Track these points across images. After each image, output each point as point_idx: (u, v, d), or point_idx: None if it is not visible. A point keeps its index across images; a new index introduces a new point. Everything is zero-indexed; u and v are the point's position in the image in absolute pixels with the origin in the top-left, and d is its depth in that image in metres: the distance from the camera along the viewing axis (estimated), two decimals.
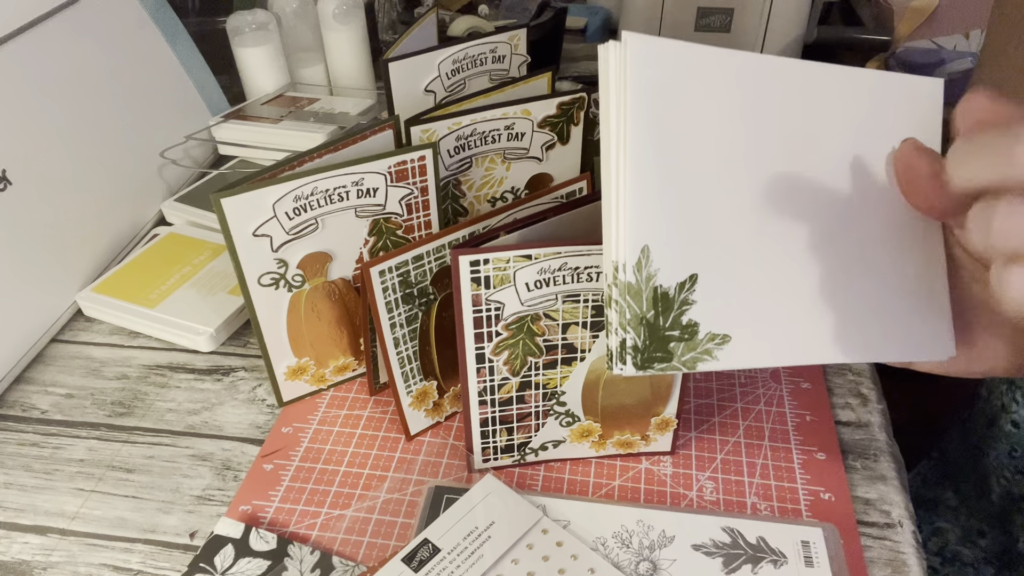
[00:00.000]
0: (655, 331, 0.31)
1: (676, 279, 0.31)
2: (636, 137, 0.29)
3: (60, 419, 0.54)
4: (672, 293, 0.31)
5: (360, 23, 0.89)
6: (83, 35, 0.67)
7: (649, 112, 0.29)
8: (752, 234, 0.32)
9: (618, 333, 0.31)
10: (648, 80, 0.29)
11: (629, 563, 0.42)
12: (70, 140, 0.63)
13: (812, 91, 0.32)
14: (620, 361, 0.31)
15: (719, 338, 0.31)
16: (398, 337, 0.46)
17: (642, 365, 0.31)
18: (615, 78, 0.29)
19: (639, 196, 0.30)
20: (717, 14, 0.94)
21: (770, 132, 0.31)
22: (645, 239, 0.30)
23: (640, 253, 0.30)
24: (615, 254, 0.30)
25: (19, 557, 0.44)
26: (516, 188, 0.58)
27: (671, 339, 0.31)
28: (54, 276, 0.61)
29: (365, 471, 0.49)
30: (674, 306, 0.31)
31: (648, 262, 0.30)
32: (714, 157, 0.31)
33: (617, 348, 0.31)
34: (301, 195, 0.45)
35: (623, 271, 0.30)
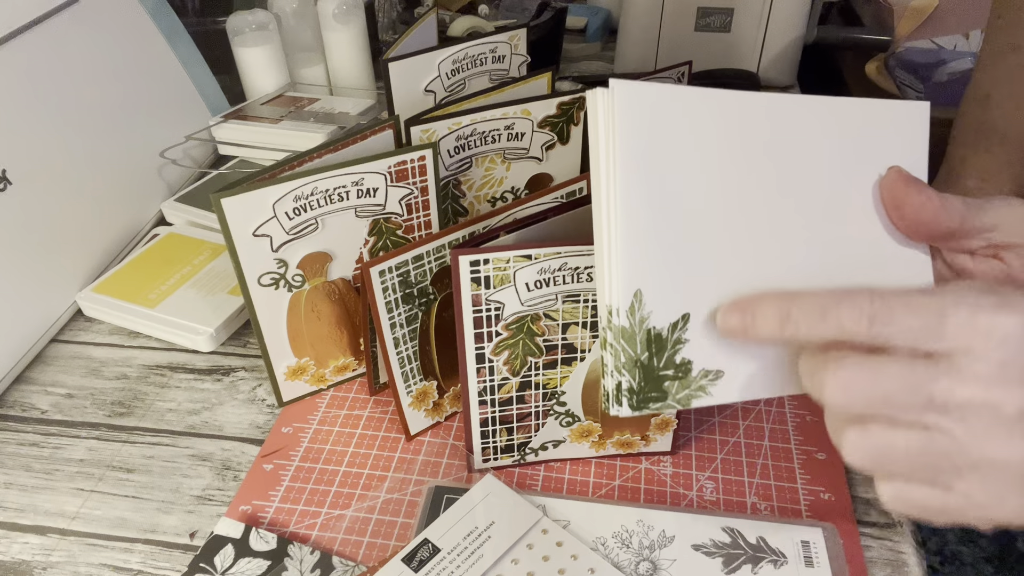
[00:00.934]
0: (649, 372, 0.31)
1: (669, 319, 0.31)
2: (625, 183, 0.30)
3: (60, 419, 0.54)
4: (665, 334, 0.31)
5: (360, 23, 0.89)
6: (83, 35, 0.67)
7: (638, 159, 0.30)
8: (742, 269, 0.32)
9: (613, 376, 0.32)
10: (636, 126, 0.30)
11: (629, 563, 0.42)
12: (70, 140, 0.63)
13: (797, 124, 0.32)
14: (616, 403, 0.32)
15: (712, 374, 0.32)
16: (398, 337, 0.46)
17: (637, 406, 0.32)
18: (604, 124, 0.30)
19: (630, 242, 0.30)
20: (717, 14, 0.94)
21: (756, 168, 0.32)
22: (637, 283, 0.31)
23: (633, 298, 0.31)
24: (608, 298, 0.31)
25: (19, 557, 0.44)
26: (516, 188, 0.58)
27: (665, 378, 0.32)
28: (54, 276, 0.61)
29: (365, 471, 0.49)
30: (667, 346, 0.31)
31: (641, 305, 0.31)
32: (703, 196, 0.31)
33: (613, 390, 0.32)
34: (301, 195, 0.45)
35: (616, 315, 0.31)
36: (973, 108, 0.57)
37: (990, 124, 0.55)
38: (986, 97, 0.55)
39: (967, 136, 0.57)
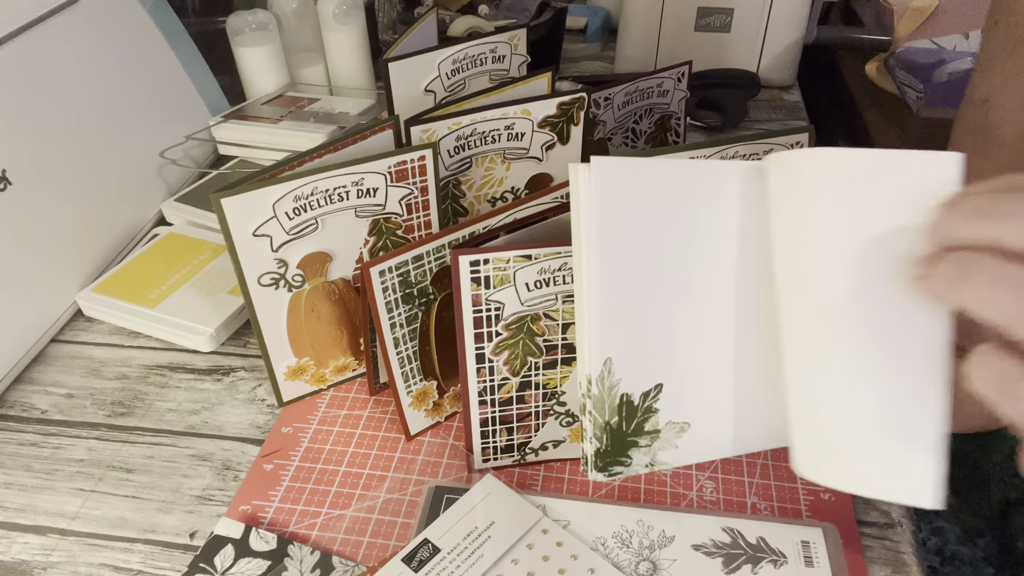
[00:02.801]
0: (618, 436, 0.32)
1: (641, 388, 0.32)
2: (601, 257, 0.31)
3: (60, 419, 0.54)
4: (637, 401, 0.32)
5: (360, 23, 0.89)
6: (83, 35, 0.67)
7: (614, 234, 0.31)
8: (715, 341, 0.33)
9: (590, 443, 0.33)
10: (612, 203, 0.30)
11: (629, 563, 0.42)
12: (70, 140, 0.63)
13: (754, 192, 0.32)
14: (585, 465, 0.33)
15: (679, 425, 0.33)
16: (398, 337, 0.46)
17: (603, 468, 0.33)
18: (584, 197, 0.30)
19: (602, 313, 0.31)
20: (717, 14, 0.94)
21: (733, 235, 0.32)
22: (608, 352, 0.32)
23: (603, 366, 0.32)
24: (587, 367, 0.32)
25: (19, 557, 0.44)
26: (516, 188, 0.58)
27: (632, 444, 0.33)
28: (54, 276, 0.61)
29: (365, 471, 0.49)
30: (638, 412, 0.32)
31: (610, 373, 0.32)
32: (679, 267, 0.32)
33: (593, 456, 0.33)
34: (301, 195, 0.45)
35: (591, 385, 0.32)
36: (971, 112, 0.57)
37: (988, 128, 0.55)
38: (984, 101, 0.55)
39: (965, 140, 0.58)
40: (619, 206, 0.30)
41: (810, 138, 0.54)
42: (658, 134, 0.71)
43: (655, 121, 0.70)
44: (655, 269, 0.31)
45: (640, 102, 0.67)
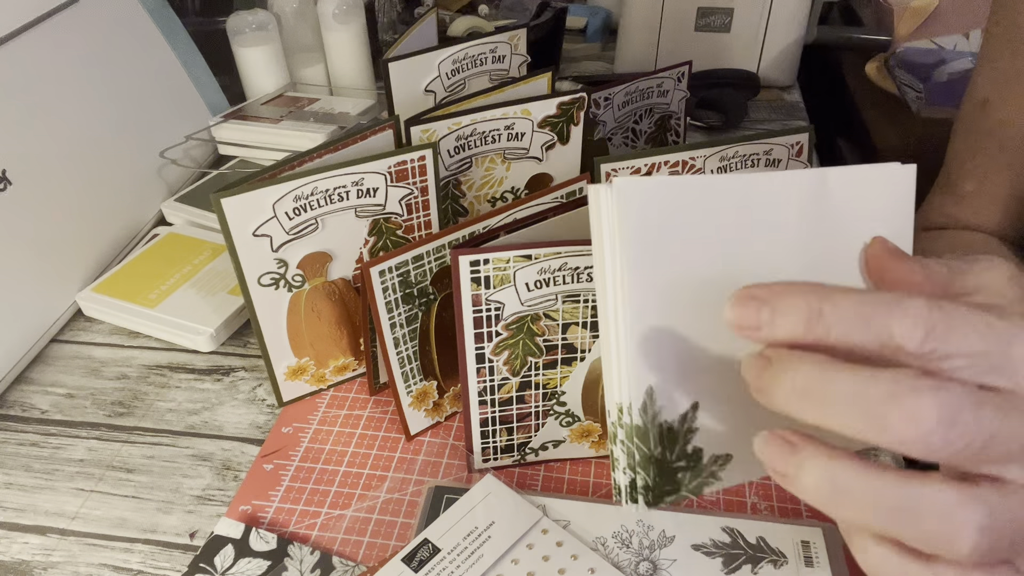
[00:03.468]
0: (664, 466, 0.31)
1: (679, 411, 0.31)
2: (632, 282, 0.30)
3: (60, 419, 0.54)
4: (676, 426, 0.31)
5: (360, 23, 0.89)
6: (83, 35, 0.67)
7: (642, 257, 0.30)
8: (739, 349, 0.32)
9: (627, 473, 0.31)
10: (638, 224, 0.30)
11: (629, 563, 0.42)
12: (70, 140, 0.63)
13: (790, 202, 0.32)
14: (631, 500, 0.31)
15: (722, 459, 0.32)
16: (398, 337, 0.46)
17: (654, 502, 0.31)
18: (607, 221, 0.30)
19: (640, 340, 0.30)
20: (717, 14, 0.94)
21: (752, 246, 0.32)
22: (649, 380, 0.30)
23: (645, 395, 0.30)
24: (619, 396, 0.31)
25: (19, 557, 0.44)
26: (516, 188, 0.58)
27: (678, 470, 0.31)
28: (54, 276, 0.61)
29: (365, 471, 0.49)
30: (679, 439, 0.31)
31: (653, 403, 0.30)
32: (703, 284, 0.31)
33: (627, 487, 0.31)
34: (301, 195, 0.45)
35: (628, 413, 0.30)
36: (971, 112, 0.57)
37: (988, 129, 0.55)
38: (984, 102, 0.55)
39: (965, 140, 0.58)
40: (645, 225, 0.30)
41: (810, 138, 0.54)
42: (658, 134, 0.71)
43: (655, 121, 0.70)
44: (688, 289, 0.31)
45: (640, 102, 0.67)
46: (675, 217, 0.30)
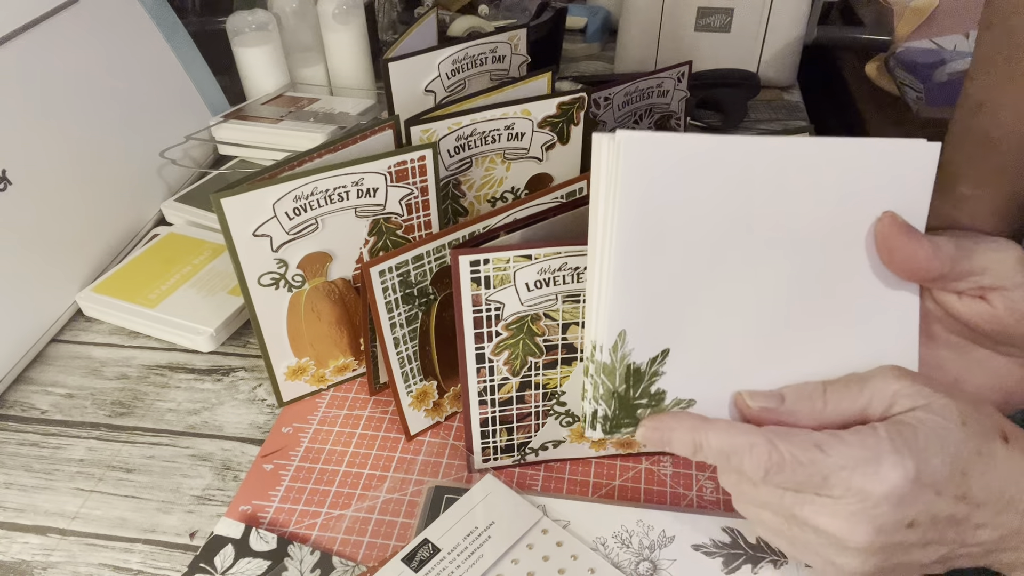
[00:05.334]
0: (625, 401, 0.33)
1: (648, 355, 0.33)
2: (622, 232, 0.31)
3: (60, 419, 0.54)
4: (644, 367, 0.33)
5: (360, 23, 0.89)
6: (83, 35, 0.67)
7: (636, 209, 0.31)
8: (726, 306, 0.33)
9: (591, 403, 0.33)
10: (638, 179, 0.30)
11: (629, 563, 0.42)
12: (70, 140, 0.63)
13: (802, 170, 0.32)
14: (591, 427, 0.34)
15: (684, 403, 0.33)
16: (398, 337, 0.46)
17: (610, 430, 0.33)
18: (606, 172, 0.30)
19: (619, 286, 0.31)
20: (717, 14, 0.94)
21: (754, 216, 0.32)
22: (622, 324, 0.32)
23: (617, 337, 0.32)
24: (593, 334, 0.32)
25: (19, 557, 0.44)
26: (516, 188, 0.58)
27: (639, 407, 0.33)
28: (54, 276, 0.61)
29: (365, 471, 0.49)
30: (644, 378, 0.33)
31: (623, 344, 0.32)
32: (696, 240, 0.32)
33: (590, 416, 0.33)
34: (301, 195, 0.45)
35: (599, 351, 0.32)
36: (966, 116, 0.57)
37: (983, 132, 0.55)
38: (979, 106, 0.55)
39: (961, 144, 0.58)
40: (643, 181, 0.30)
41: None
42: None
43: (655, 121, 0.70)
44: (676, 245, 0.32)
45: (640, 102, 0.67)
46: (675, 173, 0.31)
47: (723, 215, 0.32)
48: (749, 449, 0.31)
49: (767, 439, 0.30)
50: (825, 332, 0.34)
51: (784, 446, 0.30)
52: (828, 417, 0.32)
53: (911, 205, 0.34)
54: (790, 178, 0.32)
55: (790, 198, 0.32)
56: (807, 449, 0.30)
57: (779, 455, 0.30)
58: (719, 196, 0.31)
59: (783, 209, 0.32)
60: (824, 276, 0.34)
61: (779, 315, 0.34)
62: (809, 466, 0.30)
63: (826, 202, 0.33)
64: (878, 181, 0.33)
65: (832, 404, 0.32)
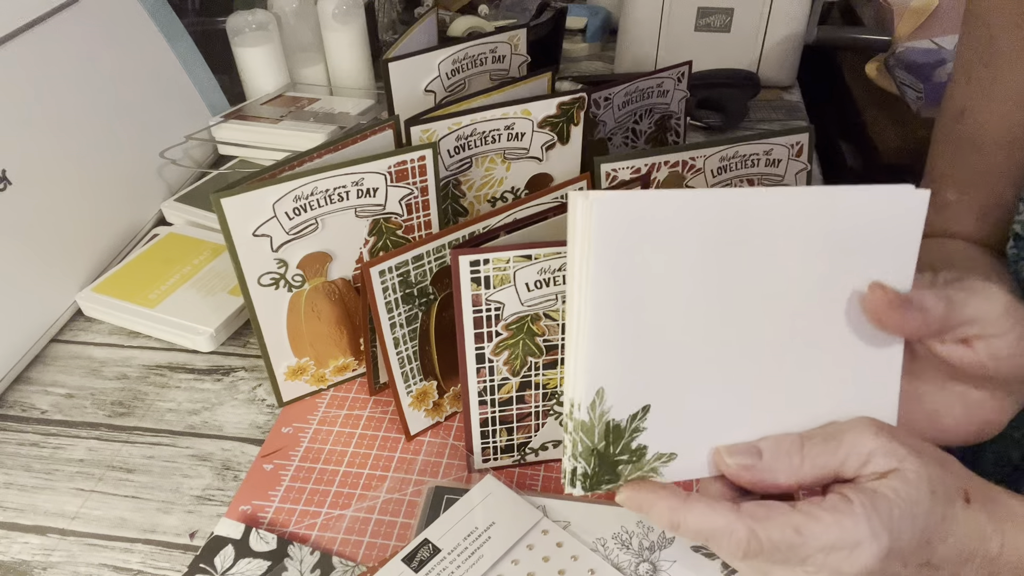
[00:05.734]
0: (605, 459, 0.33)
1: (628, 411, 0.32)
2: (597, 293, 0.31)
3: (60, 419, 0.54)
4: (624, 424, 0.32)
5: (360, 23, 0.89)
6: (83, 35, 0.67)
7: (611, 271, 0.30)
8: (706, 360, 0.33)
9: (570, 460, 0.33)
10: (612, 240, 0.30)
11: (629, 564, 0.42)
12: (70, 140, 0.63)
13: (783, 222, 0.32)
14: (571, 484, 0.33)
15: (666, 456, 0.33)
16: (398, 337, 0.46)
17: (590, 488, 0.33)
18: (581, 233, 0.30)
19: (595, 344, 0.31)
20: (717, 14, 0.94)
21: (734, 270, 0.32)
22: (600, 383, 0.32)
23: (595, 395, 0.32)
24: (571, 392, 0.32)
25: (19, 557, 0.44)
26: (516, 188, 0.58)
27: (619, 463, 0.33)
28: (54, 276, 0.61)
29: (365, 471, 0.49)
30: (624, 435, 0.33)
31: (602, 401, 0.32)
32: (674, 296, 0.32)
33: (569, 473, 0.33)
34: (301, 195, 0.45)
35: (578, 409, 0.32)
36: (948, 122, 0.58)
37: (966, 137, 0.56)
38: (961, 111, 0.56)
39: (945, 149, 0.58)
40: (618, 241, 0.30)
41: (810, 138, 0.54)
42: (658, 134, 0.71)
43: (655, 121, 0.70)
44: (654, 302, 0.31)
45: (640, 102, 0.67)
46: (650, 231, 0.31)
47: (701, 269, 0.31)
48: (728, 535, 0.31)
49: (746, 526, 0.31)
50: (807, 382, 0.34)
51: (763, 533, 0.31)
52: (805, 473, 0.32)
53: (899, 253, 0.33)
54: (771, 229, 0.32)
55: (771, 250, 0.32)
56: (785, 534, 0.30)
57: (758, 542, 0.31)
58: (696, 251, 0.31)
59: (764, 261, 0.32)
60: (806, 326, 0.33)
61: (760, 367, 0.33)
62: (787, 551, 0.31)
63: (809, 252, 0.32)
64: (865, 230, 0.32)
65: (809, 460, 0.32)
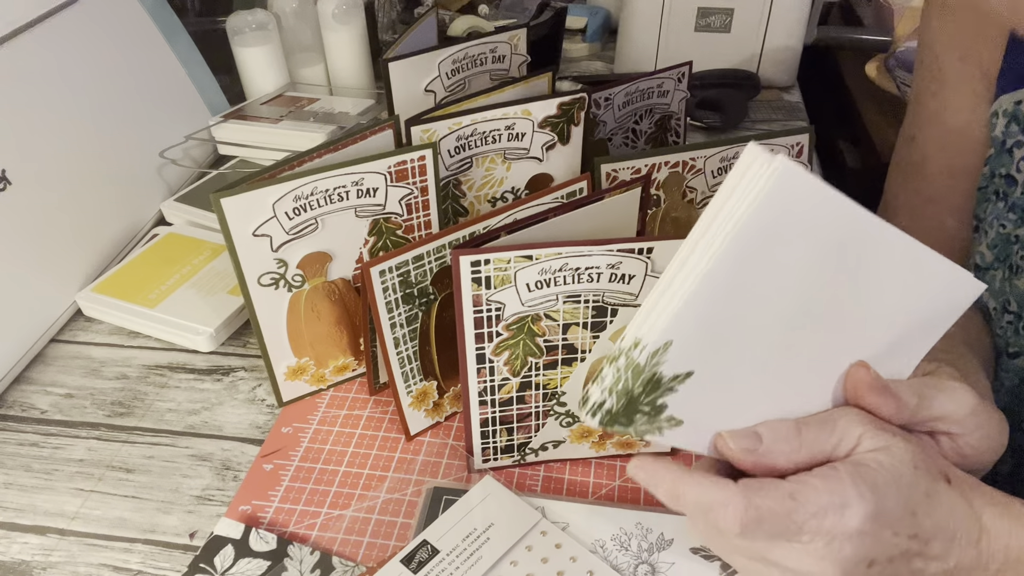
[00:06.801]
0: (632, 404, 0.33)
1: (675, 371, 0.32)
2: (726, 250, 0.30)
3: (60, 419, 0.53)
4: (664, 381, 0.32)
5: (360, 23, 0.89)
6: (83, 35, 0.67)
7: (752, 238, 0.30)
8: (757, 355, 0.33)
9: (602, 393, 0.33)
10: (770, 212, 0.30)
11: (628, 566, 0.42)
12: (70, 140, 0.63)
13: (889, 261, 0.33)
14: (591, 415, 0.33)
15: (675, 422, 0.34)
16: (398, 337, 0.46)
17: (605, 424, 0.33)
18: (744, 187, 0.29)
19: (695, 299, 0.31)
20: (717, 14, 0.94)
21: (832, 281, 0.33)
22: (675, 335, 0.31)
23: (662, 345, 0.31)
24: (642, 332, 0.32)
25: (19, 557, 0.44)
26: (516, 188, 0.58)
27: (639, 413, 0.33)
28: (54, 276, 0.61)
29: (365, 471, 0.49)
30: (658, 390, 0.33)
31: (664, 353, 0.32)
32: (776, 286, 0.32)
33: (595, 404, 0.33)
34: (301, 195, 0.45)
35: (640, 350, 0.32)
36: (901, 148, 0.60)
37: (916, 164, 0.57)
38: (911, 138, 0.58)
39: (897, 175, 0.60)
40: (776, 216, 0.30)
41: (810, 139, 0.54)
42: (658, 134, 0.71)
43: (655, 121, 0.70)
44: (761, 282, 0.31)
45: (640, 102, 0.67)
46: (802, 217, 0.30)
47: (810, 273, 0.32)
48: (725, 505, 0.32)
49: (744, 496, 0.32)
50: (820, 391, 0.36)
51: (760, 501, 0.31)
52: (801, 457, 0.33)
53: (932, 323, 0.36)
54: (877, 267, 0.33)
55: (865, 283, 0.33)
56: (781, 501, 0.31)
57: (755, 511, 0.31)
58: (818, 256, 0.32)
59: (854, 290, 0.33)
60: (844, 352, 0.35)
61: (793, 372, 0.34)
62: (784, 517, 0.31)
63: (876, 289, 0.34)
64: (922, 289, 0.34)
65: (807, 445, 0.33)
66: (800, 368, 0.34)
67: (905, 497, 0.32)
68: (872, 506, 0.31)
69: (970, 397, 0.36)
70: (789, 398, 0.35)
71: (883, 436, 0.33)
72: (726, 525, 0.32)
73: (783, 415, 0.34)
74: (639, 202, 0.45)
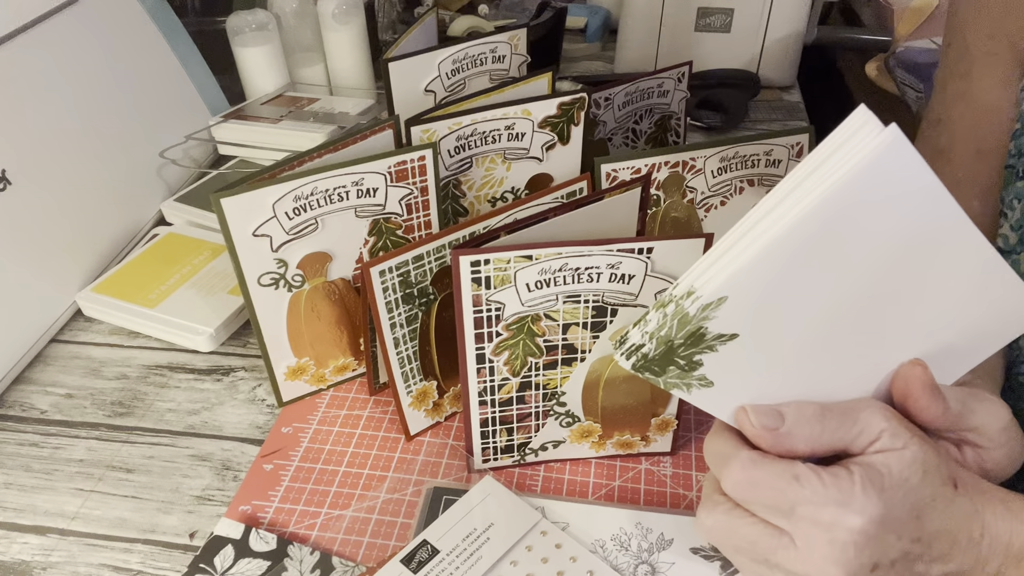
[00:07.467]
0: (669, 354, 0.32)
1: (720, 329, 0.31)
2: (811, 213, 0.29)
3: (60, 419, 0.53)
4: (708, 337, 0.32)
5: (360, 23, 0.89)
6: (83, 35, 0.67)
7: (847, 201, 0.29)
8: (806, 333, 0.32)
9: (642, 336, 0.32)
10: (869, 182, 0.29)
11: (628, 566, 0.42)
12: (70, 140, 0.63)
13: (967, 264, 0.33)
14: (626, 357, 0.32)
15: (706, 382, 0.33)
16: (398, 337, 0.46)
17: (639, 368, 0.33)
18: (846, 152, 0.28)
19: (763, 257, 0.30)
20: (717, 14, 0.94)
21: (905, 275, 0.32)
22: (731, 292, 0.30)
23: (717, 300, 0.31)
24: (700, 282, 0.31)
25: (19, 557, 0.44)
26: (516, 188, 0.58)
27: (674, 365, 0.32)
28: (54, 276, 0.61)
29: (365, 471, 0.49)
30: (698, 346, 0.32)
31: (715, 308, 0.31)
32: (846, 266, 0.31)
33: (633, 345, 0.32)
34: (301, 195, 0.45)
35: (691, 301, 0.31)
36: (927, 131, 0.59)
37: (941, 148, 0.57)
38: (938, 121, 0.57)
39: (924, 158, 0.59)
40: (871, 189, 0.29)
41: (810, 139, 0.54)
42: (658, 134, 0.71)
43: (655, 121, 0.70)
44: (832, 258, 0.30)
45: (640, 102, 0.67)
46: (894, 195, 0.29)
47: (885, 250, 0.31)
48: (731, 458, 0.33)
49: (751, 457, 0.33)
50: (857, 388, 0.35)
51: (763, 467, 0.32)
52: (823, 443, 0.33)
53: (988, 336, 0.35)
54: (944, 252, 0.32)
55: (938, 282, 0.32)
56: (783, 476, 0.32)
57: (757, 472, 0.32)
58: (901, 233, 0.30)
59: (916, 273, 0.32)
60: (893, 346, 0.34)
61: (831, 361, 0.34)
62: (780, 492, 0.32)
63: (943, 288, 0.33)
64: (987, 299, 0.34)
65: (828, 432, 0.33)
66: (843, 353, 0.33)
67: (911, 502, 0.32)
68: (877, 510, 0.31)
69: (1005, 413, 0.36)
70: (823, 381, 0.34)
71: (903, 435, 0.33)
72: (727, 476, 0.33)
73: (812, 399, 0.34)
74: (639, 202, 0.45)
